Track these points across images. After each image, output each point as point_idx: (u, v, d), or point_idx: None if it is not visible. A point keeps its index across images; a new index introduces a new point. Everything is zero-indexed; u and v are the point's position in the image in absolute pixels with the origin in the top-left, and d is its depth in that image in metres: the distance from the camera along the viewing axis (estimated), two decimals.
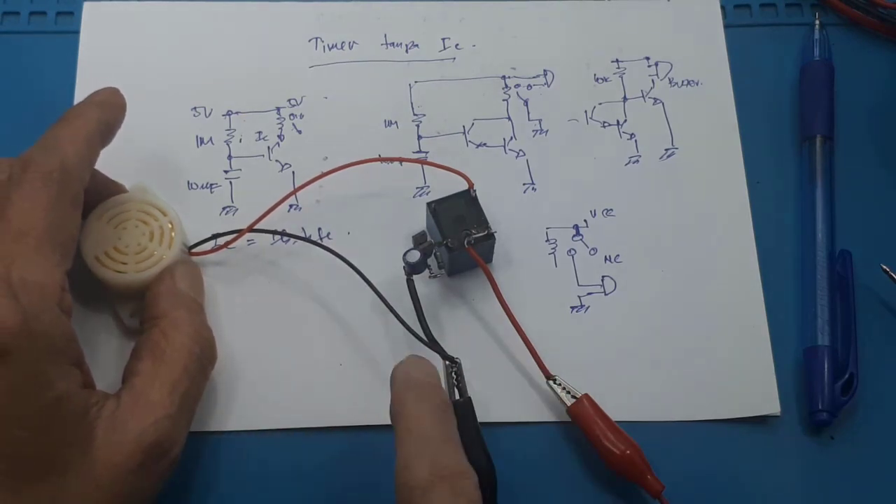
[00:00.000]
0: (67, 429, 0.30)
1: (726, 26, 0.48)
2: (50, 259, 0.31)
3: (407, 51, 0.47)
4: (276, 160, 0.44)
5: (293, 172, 0.43)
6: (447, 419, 0.32)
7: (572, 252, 0.42)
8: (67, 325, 0.31)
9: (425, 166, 0.43)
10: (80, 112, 0.36)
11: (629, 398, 0.39)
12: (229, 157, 0.44)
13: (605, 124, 0.45)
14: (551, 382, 0.38)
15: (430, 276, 0.41)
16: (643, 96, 0.46)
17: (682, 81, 0.46)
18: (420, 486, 0.29)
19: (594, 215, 0.43)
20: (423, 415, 0.32)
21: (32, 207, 0.31)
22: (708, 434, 0.39)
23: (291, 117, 0.45)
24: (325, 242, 0.42)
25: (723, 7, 0.48)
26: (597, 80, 0.46)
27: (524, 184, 0.44)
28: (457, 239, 0.39)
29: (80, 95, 0.44)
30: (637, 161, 0.44)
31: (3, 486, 0.29)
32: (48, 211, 0.31)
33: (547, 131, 0.45)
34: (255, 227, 0.40)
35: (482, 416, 0.36)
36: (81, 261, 0.37)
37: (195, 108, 0.45)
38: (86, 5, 0.47)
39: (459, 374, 0.36)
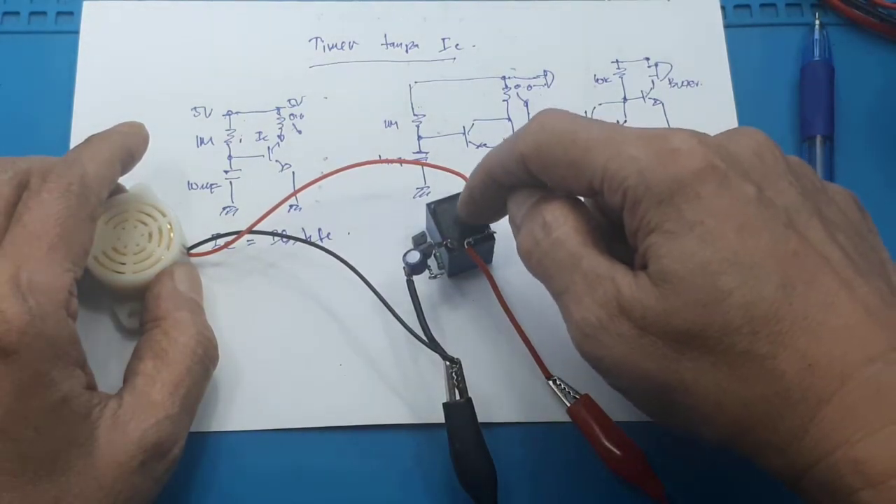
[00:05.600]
0: (71, 429, 0.30)
1: (726, 26, 0.48)
2: (61, 264, 0.31)
3: (407, 51, 0.47)
4: (276, 160, 0.44)
5: (293, 172, 0.44)
6: None
7: None
8: (72, 328, 0.31)
9: (425, 167, 0.43)
10: (104, 136, 0.37)
11: None
12: (229, 157, 0.44)
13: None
14: (551, 382, 0.38)
15: (430, 277, 0.41)
16: (643, 97, 0.46)
17: (682, 82, 0.46)
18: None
19: None
20: None
21: (48, 215, 0.31)
22: None
23: (291, 117, 0.45)
24: (326, 243, 0.42)
25: (723, 7, 0.48)
26: (597, 80, 0.46)
27: None
28: (457, 239, 0.39)
29: (80, 95, 0.44)
30: None
31: (7, 486, 0.29)
32: (63, 219, 0.32)
33: None
34: (255, 227, 0.40)
35: (482, 416, 0.36)
36: None
37: (195, 108, 0.45)
38: (86, 5, 0.47)
39: (459, 374, 0.36)
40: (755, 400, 0.27)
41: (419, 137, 0.45)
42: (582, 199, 0.33)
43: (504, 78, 0.46)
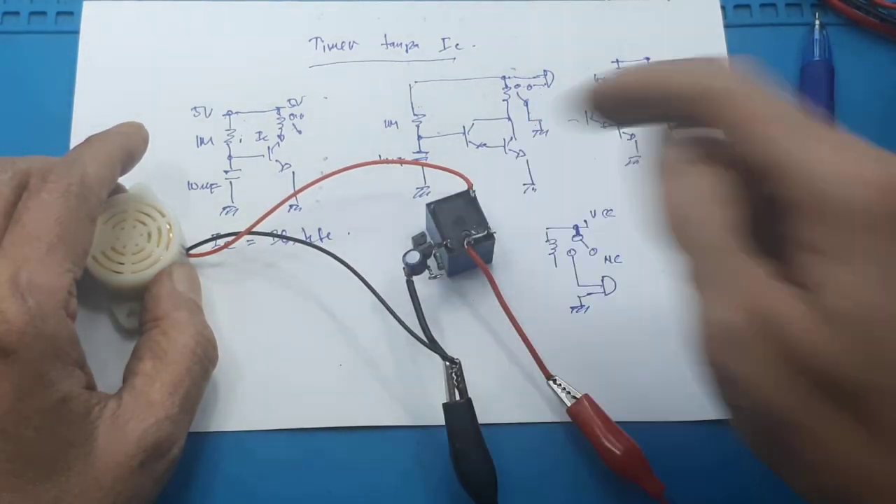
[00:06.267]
0: (71, 429, 0.30)
1: (726, 26, 0.48)
2: (60, 264, 0.31)
3: (407, 51, 0.47)
4: (276, 160, 0.44)
5: (293, 172, 0.44)
6: None
7: (572, 252, 0.42)
8: (72, 328, 0.31)
9: (425, 167, 0.43)
10: (104, 137, 0.36)
11: (629, 398, 0.39)
12: (229, 157, 0.44)
13: (606, 124, 0.45)
14: (551, 382, 0.38)
15: (429, 277, 0.41)
16: None
17: None
18: None
19: (594, 215, 0.43)
20: None
21: (47, 215, 0.31)
22: (708, 434, 0.39)
23: (291, 117, 0.45)
24: (325, 243, 0.42)
25: (723, 7, 0.48)
26: (597, 80, 0.46)
27: (524, 184, 0.44)
28: (456, 240, 0.39)
29: (80, 95, 0.44)
30: (637, 161, 0.44)
31: (8, 486, 0.29)
32: (63, 220, 0.32)
33: (547, 131, 0.45)
34: (255, 228, 0.40)
35: (482, 416, 0.36)
36: None
37: (195, 108, 0.45)
38: (86, 5, 0.47)
39: (459, 375, 0.36)
40: (878, 474, 0.24)
41: (419, 137, 0.45)
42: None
43: (504, 78, 0.46)
